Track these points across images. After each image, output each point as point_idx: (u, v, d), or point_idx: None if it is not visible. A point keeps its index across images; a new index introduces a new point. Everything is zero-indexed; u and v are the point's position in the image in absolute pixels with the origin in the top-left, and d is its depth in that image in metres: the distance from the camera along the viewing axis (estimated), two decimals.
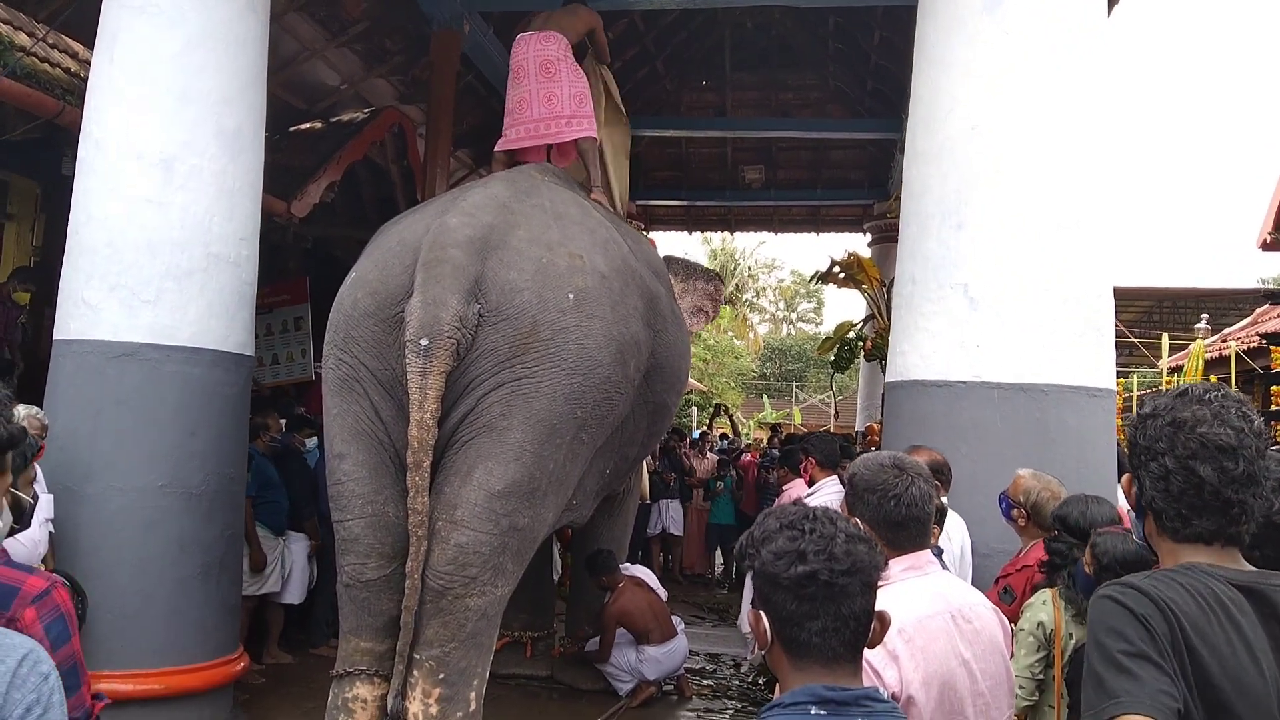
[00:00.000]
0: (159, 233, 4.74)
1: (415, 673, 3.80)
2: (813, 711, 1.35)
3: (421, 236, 4.04)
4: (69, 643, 2.00)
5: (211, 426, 4.87)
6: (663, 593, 6.36)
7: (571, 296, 4.01)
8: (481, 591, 3.80)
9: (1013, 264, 4.28)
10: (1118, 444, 4.57)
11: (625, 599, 5.96)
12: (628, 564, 6.50)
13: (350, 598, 4.03)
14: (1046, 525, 3.38)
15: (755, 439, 15.08)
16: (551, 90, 5.99)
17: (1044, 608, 2.99)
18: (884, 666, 1.80)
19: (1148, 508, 1.58)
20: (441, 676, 3.77)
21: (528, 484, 3.86)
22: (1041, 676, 2.96)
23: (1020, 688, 2.88)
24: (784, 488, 6.37)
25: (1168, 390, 1.65)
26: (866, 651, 1.71)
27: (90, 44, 5.16)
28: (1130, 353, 13.76)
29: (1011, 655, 2.15)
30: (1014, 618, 3.30)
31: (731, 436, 15.38)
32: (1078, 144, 4.39)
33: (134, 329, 4.70)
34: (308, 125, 9.37)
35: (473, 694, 3.87)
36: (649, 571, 6.61)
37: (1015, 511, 3.57)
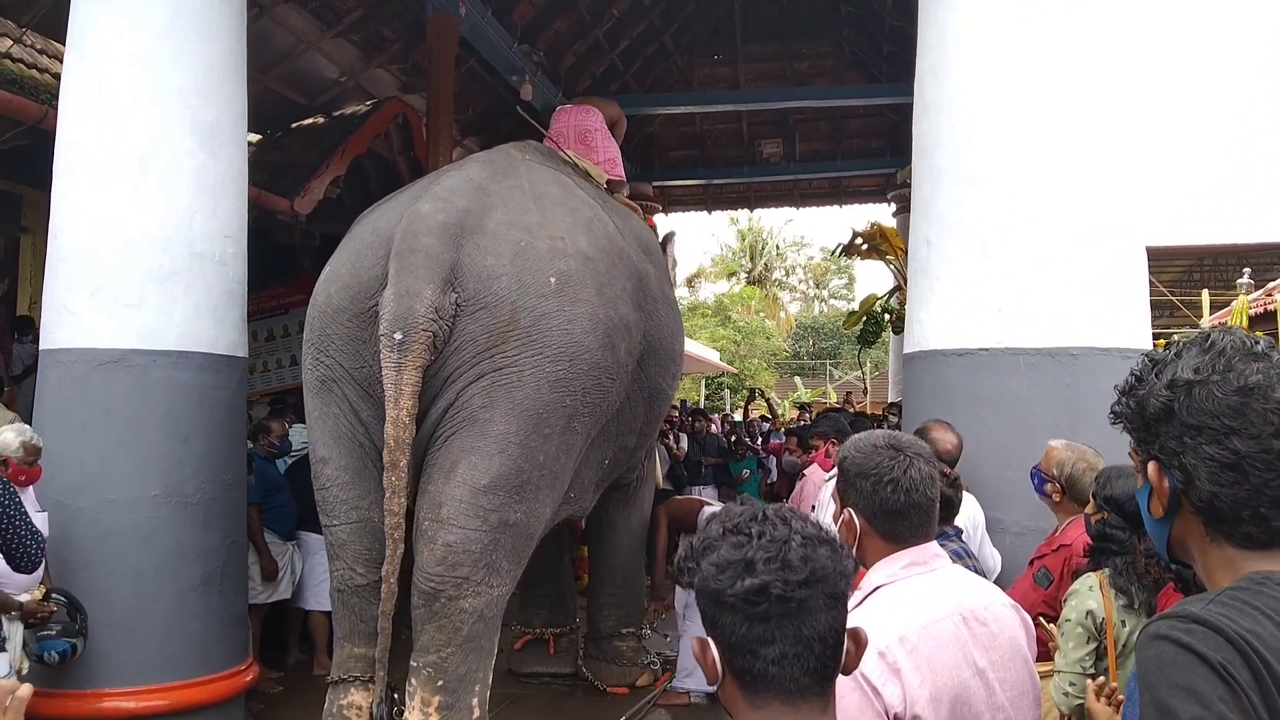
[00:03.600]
0: (138, 233, 4.57)
1: (413, 681, 3.68)
2: None
3: (394, 225, 3.87)
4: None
5: (205, 432, 4.71)
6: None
7: (553, 280, 3.82)
8: (475, 592, 3.64)
9: (1035, 220, 3.98)
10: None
11: (675, 502, 6.18)
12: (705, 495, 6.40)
13: (342, 603, 3.97)
14: (1083, 500, 3.10)
15: (790, 419, 14.73)
16: (589, 157, 6.05)
17: (1091, 595, 2.70)
18: (883, 682, 1.51)
19: (1196, 505, 1.18)
20: (440, 684, 3.63)
21: (515, 477, 3.68)
22: (1093, 670, 2.68)
23: (1071, 684, 2.62)
24: (804, 471, 6.11)
25: (1179, 343, 1.26)
26: (863, 664, 1.43)
27: None
28: (1170, 313, 13.27)
29: (1037, 658, 1.83)
30: (1051, 602, 3.03)
31: (770, 418, 15.08)
32: (1105, 91, 4.07)
33: (119, 334, 4.54)
34: (309, 120, 9.20)
35: (475, 700, 3.71)
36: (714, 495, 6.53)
37: (1049, 486, 3.30)
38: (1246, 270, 12.96)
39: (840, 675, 1.18)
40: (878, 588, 1.70)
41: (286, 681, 5.95)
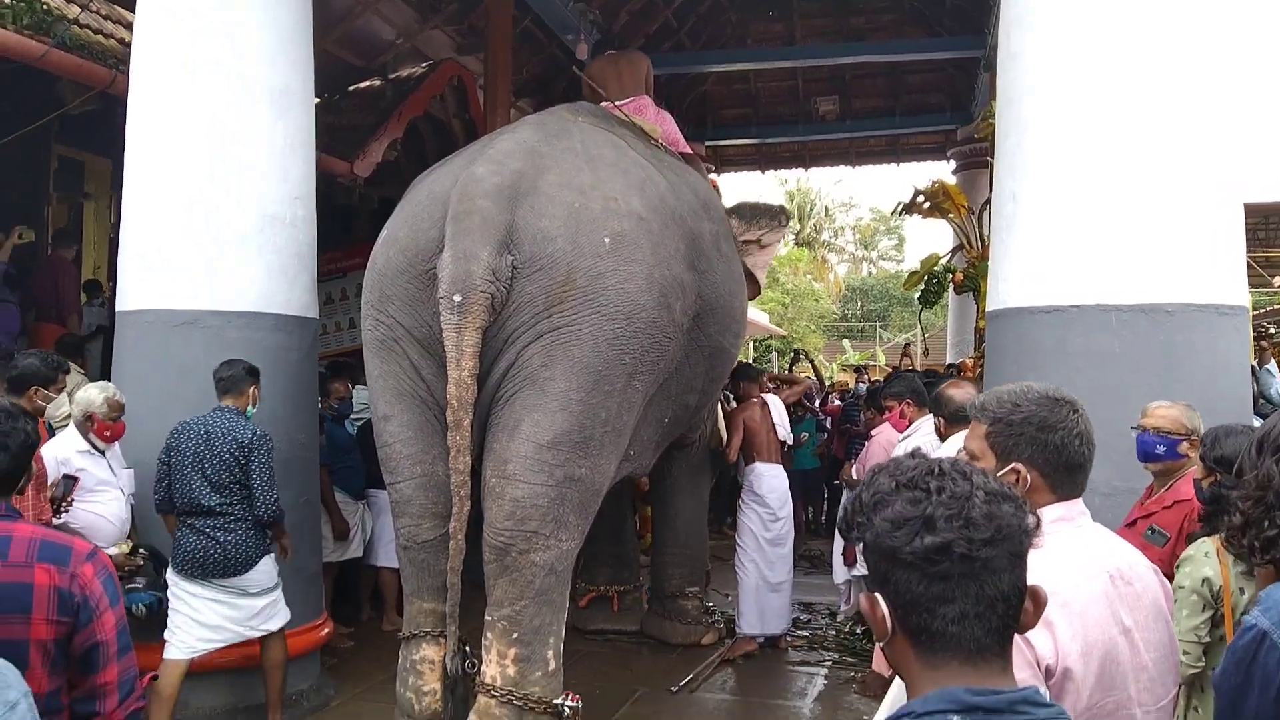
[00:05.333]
0: (211, 197, 4.61)
1: (488, 635, 3.74)
2: None
3: (450, 189, 3.89)
4: (120, 603, 2.02)
5: (278, 392, 4.76)
6: (785, 432, 6.38)
7: (608, 240, 3.83)
8: (545, 546, 3.70)
9: (1128, 172, 3.82)
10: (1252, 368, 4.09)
11: (754, 411, 6.10)
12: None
13: (409, 560, 4.04)
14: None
15: (838, 383, 14.52)
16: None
17: (1207, 561, 2.61)
18: (1037, 635, 1.48)
19: None
20: (515, 636, 3.69)
21: (578, 433, 3.72)
22: (1208, 639, 2.60)
23: (1185, 653, 2.53)
24: (872, 432, 6.04)
25: None
26: None
27: None
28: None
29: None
30: (1165, 562, 2.94)
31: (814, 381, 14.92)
32: (1203, 43, 3.88)
33: (193, 297, 4.60)
34: (366, 83, 9.19)
35: (550, 652, 3.77)
36: (781, 406, 6.48)
37: (1185, 445, 3.18)
38: None
39: (1017, 633, 1.13)
40: None
41: (358, 637, 6.05)
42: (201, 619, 4.17)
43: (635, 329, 3.83)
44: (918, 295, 10.18)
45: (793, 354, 17.33)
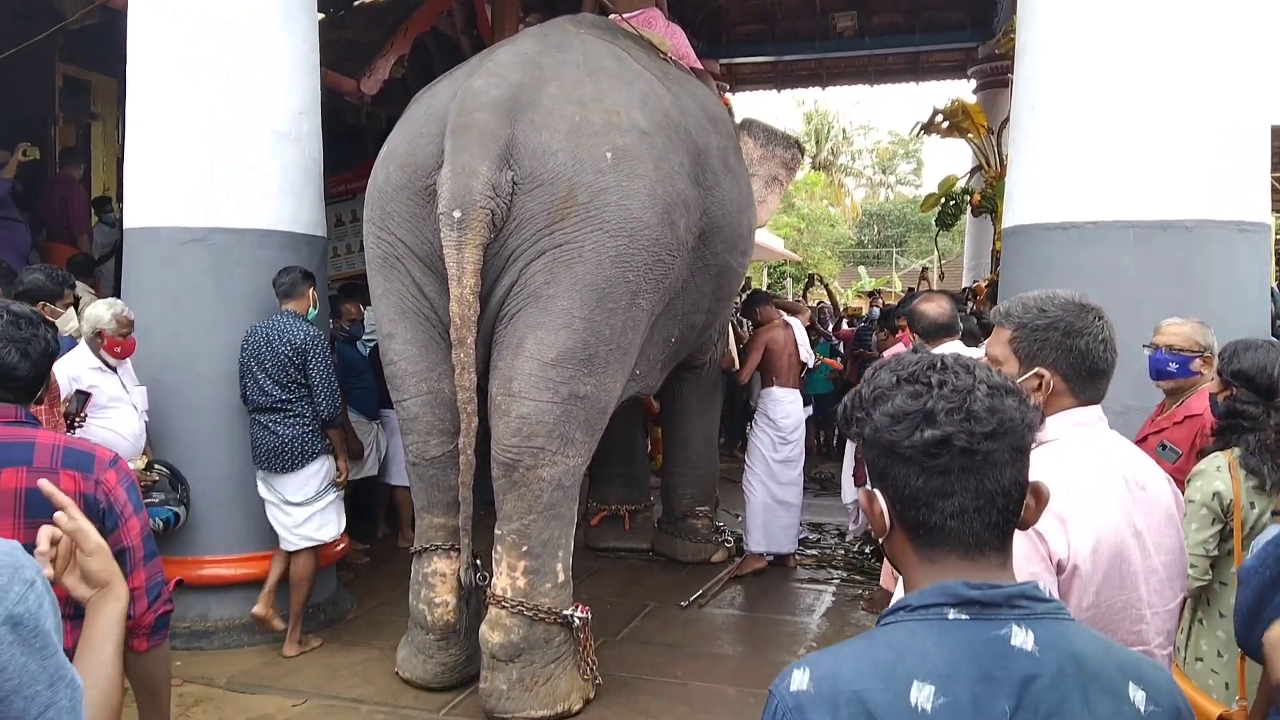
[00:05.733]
0: (215, 111, 4.54)
1: (498, 548, 3.80)
2: (950, 616, 1.05)
3: (449, 103, 3.83)
4: (143, 510, 2.02)
5: None
6: (807, 354, 6.36)
7: (609, 155, 3.76)
8: (552, 461, 3.73)
9: (1149, 85, 3.71)
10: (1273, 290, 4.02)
11: (777, 332, 6.08)
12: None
13: (418, 475, 4.10)
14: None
15: (851, 308, 14.41)
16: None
17: (1219, 475, 2.59)
18: (1050, 531, 1.51)
19: None
20: (525, 549, 3.74)
21: (582, 350, 3.72)
22: (1216, 553, 2.60)
23: (1192, 566, 2.54)
24: (884, 353, 6.00)
25: None
26: None
27: None
28: None
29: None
30: (1176, 477, 2.93)
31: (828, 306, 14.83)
32: None
33: (201, 214, 4.57)
34: None
35: (559, 565, 3.83)
36: (803, 330, 6.48)
37: (1198, 361, 3.14)
38: None
39: (1018, 529, 1.12)
40: (1043, 443, 1.66)
41: (374, 553, 6.16)
42: (270, 517, 4.53)
43: (638, 246, 3.79)
44: (934, 217, 10.05)
45: (807, 279, 17.19)
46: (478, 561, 3.96)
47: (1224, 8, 3.73)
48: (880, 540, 1.16)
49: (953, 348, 4.12)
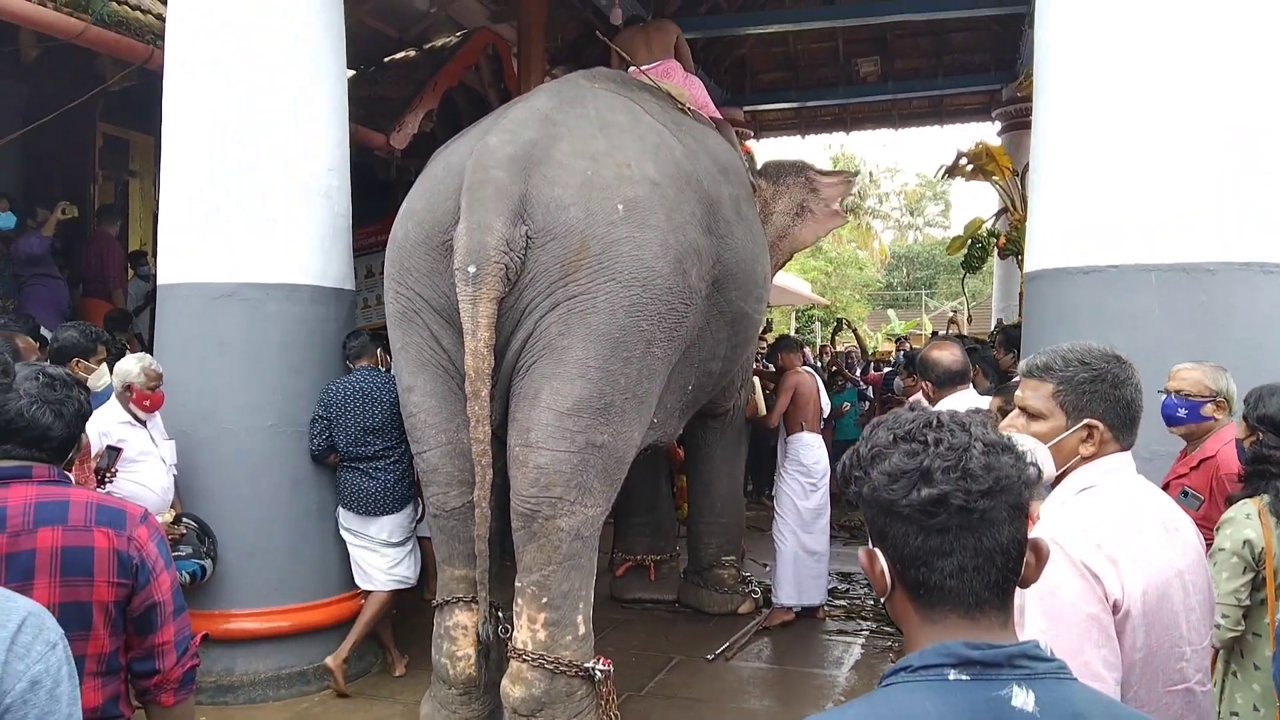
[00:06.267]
0: (246, 168, 4.65)
1: (519, 601, 3.80)
2: (951, 676, 1.04)
3: (465, 160, 3.92)
4: (173, 565, 2.07)
5: (316, 363, 4.84)
6: (825, 401, 6.36)
7: (621, 207, 3.82)
8: (570, 511, 3.74)
9: (1170, 127, 3.69)
10: None
11: (803, 378, 6.14)
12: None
13: (439, 527, 4.13)
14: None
15: (880, 352, 14.33)
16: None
17: (1249, 523, 2.54)
18: (1105, 572, 1.57)
19: None
20: (545, 600, 3.73)
21: (598, 399, 3.74)
22: (1248, 602, 2.54)
23: (1224, 616, 2.49)
24: (909, 400, 5.96)
25: None
26: (1083, 555, 1.55)
27: None
28: None
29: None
30: (1207, 520, 2.88)
31: (860, 351, 14.76)
32: None
33: (231, 269, 4.66)
34: (401, 54, 9.19)
35: (580, 617, 3.81)
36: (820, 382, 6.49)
37: (1209, 406, 3.10)
38: None
39: (1019, 587, 1.11)
40: (1085, 489, 1.76)
41: (400, 605, 6.12)
42: (362, 560, 4.82)
43: (651, 295, 3.83)
44: (961, 260, 10.00)
45: (835, 323, 17.15)
46: (499, 614, 3.95)
47: (1239, 47, 3.71)
48: (883, 601, 1.15)
49: (965, 395, 4.09)
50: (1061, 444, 1.77)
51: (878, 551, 1.13)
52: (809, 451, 5.95)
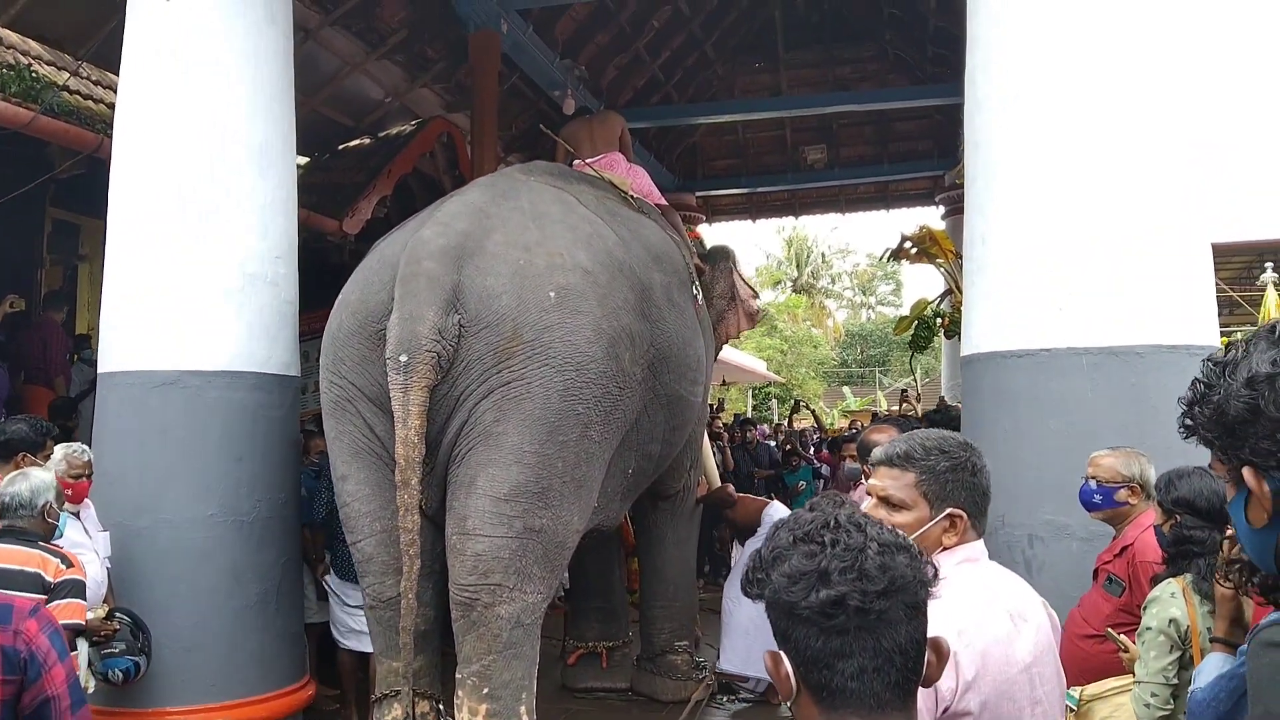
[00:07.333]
0: (190, 256, 4.64)
1: (459, 692, 3.73)
2: None
3: (399, 252, 3.97)
4: (69, 657, 2.01)
5: (258, 451, 4.75)
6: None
7: (553, 294, 3.88)
8: (510, 598, 3.70)
9: (1096, 215, 3.85)
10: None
11: (749, 499, 6.50)
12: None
13: (376, 619, 4.06)
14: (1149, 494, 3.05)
15: (833, 430, 14.50)
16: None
17: (1174, 601, 2.59)
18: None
19: None
20: (486, 691, 3.67)
21: (535, 484, 3.74)
22: (1176, 681, 2.57)
23: (1153, 695, 2.52)
24: (858, 482, 6.01)
25: (1243, 341, 1.21)
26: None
27: None
28: (1231, 311, 12.78)
29: (1104, 673, 1.81)
30: (1129, 608, 2.92)
31: (818, 429, 14.86)
32: (1165, 85, 3.94)
33: (173, 356, 4.61)
34: (356, 142, 9.32)
35: (522, 708, 3.75)
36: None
37: (1123, 492, 3.17)
38: (1269, 265, 11.95)
39: (921, 686, 1.12)
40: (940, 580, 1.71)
41: (343, 699, 5.95)
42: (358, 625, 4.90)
43: (586, 379, 3.85)
44: (909, 340, 10.22)
45: (793, 404, 17.31)
46: (440, 707, 3.87)
47: (1157, 132, 3.90)
48: (788, 703, 1.15)
49: None
50: (925, 535, 1.74)
51: (783, 655, 1.12)
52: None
